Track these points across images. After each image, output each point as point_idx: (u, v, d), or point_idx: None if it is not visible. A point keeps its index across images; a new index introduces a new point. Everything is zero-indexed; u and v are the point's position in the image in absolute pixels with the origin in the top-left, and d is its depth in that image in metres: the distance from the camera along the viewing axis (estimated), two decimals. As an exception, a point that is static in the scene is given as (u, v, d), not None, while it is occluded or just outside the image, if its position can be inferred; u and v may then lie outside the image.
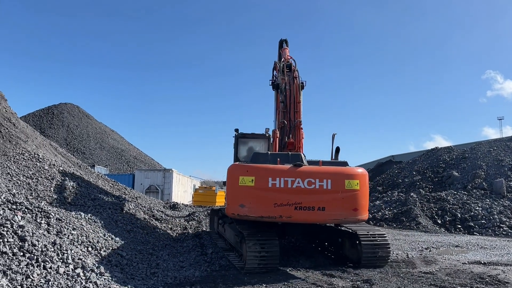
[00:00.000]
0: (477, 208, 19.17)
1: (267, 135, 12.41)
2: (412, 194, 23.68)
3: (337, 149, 9.56)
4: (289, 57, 13.09)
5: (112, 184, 16.44)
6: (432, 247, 12.18)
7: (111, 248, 8.04)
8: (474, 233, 16.98)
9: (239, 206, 8.15)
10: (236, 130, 12.63)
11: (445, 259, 10.10)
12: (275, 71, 13.64)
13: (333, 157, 9.53)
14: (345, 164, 8.86)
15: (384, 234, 9.16)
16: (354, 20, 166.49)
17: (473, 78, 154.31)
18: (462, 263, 9.57)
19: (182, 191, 36.54)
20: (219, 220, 12.29)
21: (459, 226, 17.98)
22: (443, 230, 17.76)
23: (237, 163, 9.06)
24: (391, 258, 9.85)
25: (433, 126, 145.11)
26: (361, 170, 8.70)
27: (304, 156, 9.20)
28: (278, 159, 8.48)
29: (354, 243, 9.08)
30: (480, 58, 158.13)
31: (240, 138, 12.57)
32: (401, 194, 25.20)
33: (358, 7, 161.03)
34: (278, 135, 10.84)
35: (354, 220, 8.43)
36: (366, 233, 8.90)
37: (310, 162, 8.82)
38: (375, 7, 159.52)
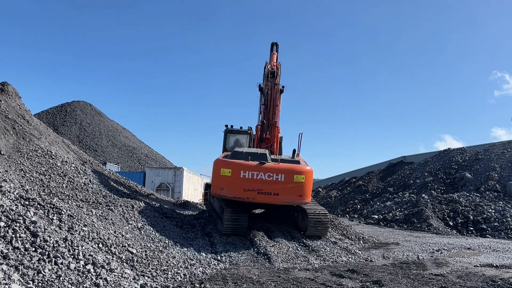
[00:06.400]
0: (490, 211, 18.92)
1: (249, 131, 15.77)
2: (423, 195, 23.46)
3: (294, 151, 12.27)
4: (274, 64, 15.25)
5: (123, 181, 16.55)
6: (444, 249, 12.04)
7: (121, 245, 8.09)
8: (487, 235, 16.75)
9: (220, 189, 11.00)
10: (226, 126, 15.86)
11: (456, 262, 9.98)
12: (265, 70, 15.74)
13: (292, 156, 12.21)
14: (297, 162, 11.50)
15: (326, 211, 11.84)
16: (360, 19, 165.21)
17: (479, 79, 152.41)
18: (474, 266, 9.44)
19: (192, 189, 36.63)
20: (210, 193, 15.02)
21: (472, 228, 17.76)
22: (455, 232, 17.56)
23: (220, 158, 11.57)
24: (401, 259, 10.08)
25: (442, 126, 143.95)
26: (308, 167, 11.18)
27: (270, 154, 12.07)
28: (249, 157, 11.15)
29: (304, 216, 11.62)
30: (485, 59, 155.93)
31: (228, 132, 15.83)
32: (412, 195, 24.97)
33: (366, 5, 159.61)
34: (259, 130, 13.87)
35: (299, 203, 11.33)
36: (313, 209, 11.56)
37: (273, 160, 11.44)
38: (383, 6, 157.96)
